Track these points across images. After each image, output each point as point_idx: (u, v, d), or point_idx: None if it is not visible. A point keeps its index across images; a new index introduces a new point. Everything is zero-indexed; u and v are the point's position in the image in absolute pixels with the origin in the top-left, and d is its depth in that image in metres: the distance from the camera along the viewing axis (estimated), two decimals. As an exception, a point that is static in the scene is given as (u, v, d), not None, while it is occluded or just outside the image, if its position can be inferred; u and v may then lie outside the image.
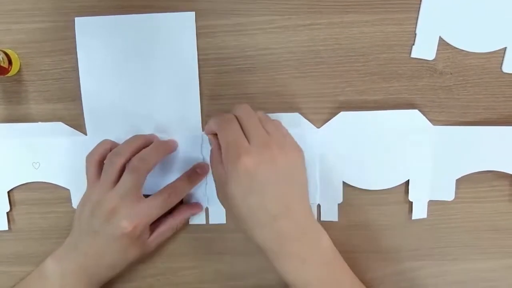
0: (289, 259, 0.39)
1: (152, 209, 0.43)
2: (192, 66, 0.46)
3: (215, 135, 0.41)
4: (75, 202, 0.48)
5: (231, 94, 0.46)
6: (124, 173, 0.43)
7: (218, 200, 0.43)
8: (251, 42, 0.46)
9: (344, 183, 0.47)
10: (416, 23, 0.45)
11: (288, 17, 0.45)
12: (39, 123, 0.47)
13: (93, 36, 0.46)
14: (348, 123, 0.46)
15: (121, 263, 0.44)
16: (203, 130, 0.47)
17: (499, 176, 0.46)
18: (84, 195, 0.45)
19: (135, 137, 0.45)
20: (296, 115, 0.46)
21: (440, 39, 0.45)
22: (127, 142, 0.45)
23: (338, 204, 0.47)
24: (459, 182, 0.46)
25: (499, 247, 0.47)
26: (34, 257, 0.49)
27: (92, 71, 0.46)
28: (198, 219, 0.48)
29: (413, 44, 0.45)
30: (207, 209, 0.48)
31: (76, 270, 0.43)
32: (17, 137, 0.47)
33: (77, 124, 0.47)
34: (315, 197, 0.47)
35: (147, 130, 0.47)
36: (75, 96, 0.47)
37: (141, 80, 0.46)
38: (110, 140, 0.46)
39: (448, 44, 0.45)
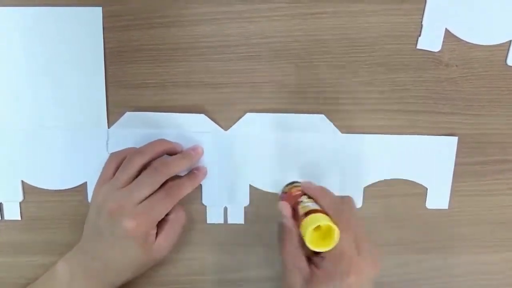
0: None
1: (154, 204, 0.41)
2: (98, 59, 0.44)
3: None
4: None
5: (233, 82, 0.45)
6: (142, 174, 0.41)
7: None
8: (256, 30, 0.45)
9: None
10: (422, 14, 0.44)
11: (295, 5, 0.44)
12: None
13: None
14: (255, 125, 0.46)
15: (129, 268, 0.42)
16: (108, 127, 0.46)
17: (502, 169, 0.46)
18: (92, 196, 0.44)
19: (160, 141, 0.44)
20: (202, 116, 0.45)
21: (446, 31, 0.45)
22: (152, 144, 0.44)
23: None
24: (461, 175, 0.46)
25: (501, 240, 0.48)
26: (45, 246, 0.48)
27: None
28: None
29: (419, 35, 0.45)
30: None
31: (84, 274, 0.41)
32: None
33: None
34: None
35: (54, 124, 0.46)
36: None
37: (46, 72, 0.45)
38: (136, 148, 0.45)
39: (454, 36, 0.45)
